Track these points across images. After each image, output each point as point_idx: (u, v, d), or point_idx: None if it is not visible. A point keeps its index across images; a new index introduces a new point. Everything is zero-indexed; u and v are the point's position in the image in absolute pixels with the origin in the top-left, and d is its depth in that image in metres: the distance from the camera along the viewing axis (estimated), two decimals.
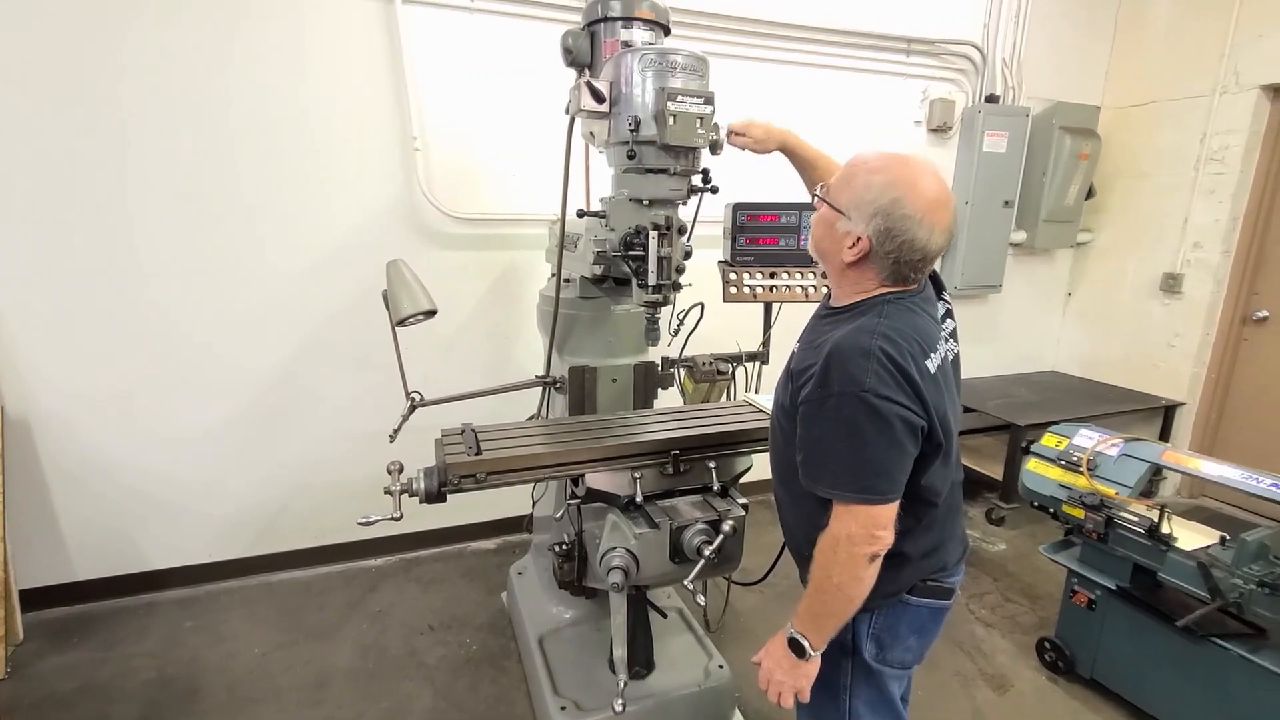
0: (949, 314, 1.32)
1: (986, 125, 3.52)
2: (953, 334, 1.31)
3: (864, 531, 1.08)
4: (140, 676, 2.22)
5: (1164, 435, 3.70)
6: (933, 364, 1.15)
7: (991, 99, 3.55)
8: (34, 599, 2.49)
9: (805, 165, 1.63)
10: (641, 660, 2.01)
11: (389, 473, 1.59)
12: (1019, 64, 3.58)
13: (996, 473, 3.51)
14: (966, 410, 3.76)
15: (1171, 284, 3.66)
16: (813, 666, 1.20)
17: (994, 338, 4.10)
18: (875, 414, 1.06)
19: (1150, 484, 3.78)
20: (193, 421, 2.62)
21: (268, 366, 2.68)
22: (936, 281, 1.34)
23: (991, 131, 3.54)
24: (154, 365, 2.52)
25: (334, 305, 2.70)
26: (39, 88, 2.20)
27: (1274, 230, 3.41)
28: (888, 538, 1.10)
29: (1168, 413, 3.70)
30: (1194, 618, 1.89)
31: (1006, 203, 3.69)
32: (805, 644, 1.17)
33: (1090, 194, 3.85)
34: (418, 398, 2.02)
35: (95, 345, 2.43)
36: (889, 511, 1.10)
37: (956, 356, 1.31)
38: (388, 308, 1.97)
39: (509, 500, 3.02)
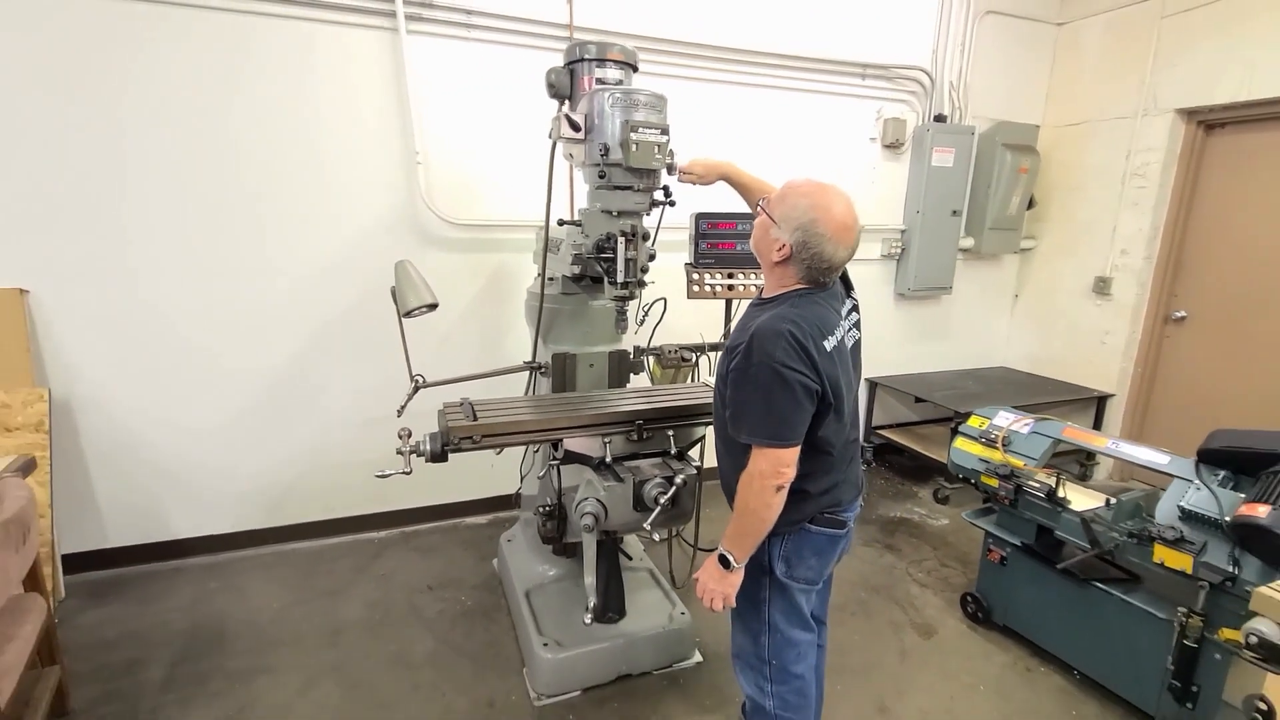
0: (854, 309, 1.66)
1: (935, 142, 3.88)
2: (855, 325, 1.65)
3: (772, 468, 1.42)
4: (174, 626, 2.52)
5: (1097, 424, 4.08)
6: (830, 344, 1.48)
7: (940, 118, 3.92)
8: (71, 563, 2.78)
9: (744, 189, 1.96)
10: (615, 607, 2.33)
11: (399, 437, 1.90)
12: (965, 87, 3.95)
13: (944, 457, 3.85)
14: (918, 400, 4.14)
15: (1102, 287, 4.04)
16: (737, 577, 1.54)
17: (946, 335, 4.46)
18: (782, 379, 1.40)
19: (1084, 469, 4.17)
20: (215, 407, 2.91)
21: (281, 359, 2.98)
22: (847, 283, 1.69)
23: (940, 148, 3.90)
24: (180, 356, 2.81)
25: (343, 303, 3.01)
26: (87, 107, 2.51)
27: (1190, 239, 3.79)
28: (790, 474, 1.44)
29: (1100, 403, 4.07)
30: (1073, 562, 2.24)
31: (955, 212, 4.06)
32: (731, 558, 1.51)
33: (1031, 204, 4.22)
34: (420, 380, 2.34)
35: (130, 337, 2.73)
36: (792, 454, 1.43)
37: (858, 342, 1.66)
38: (395, 302, 2.29)
39: (500, 479, 3.35)
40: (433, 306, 2.24)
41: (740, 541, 1.50)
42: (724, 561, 1.52)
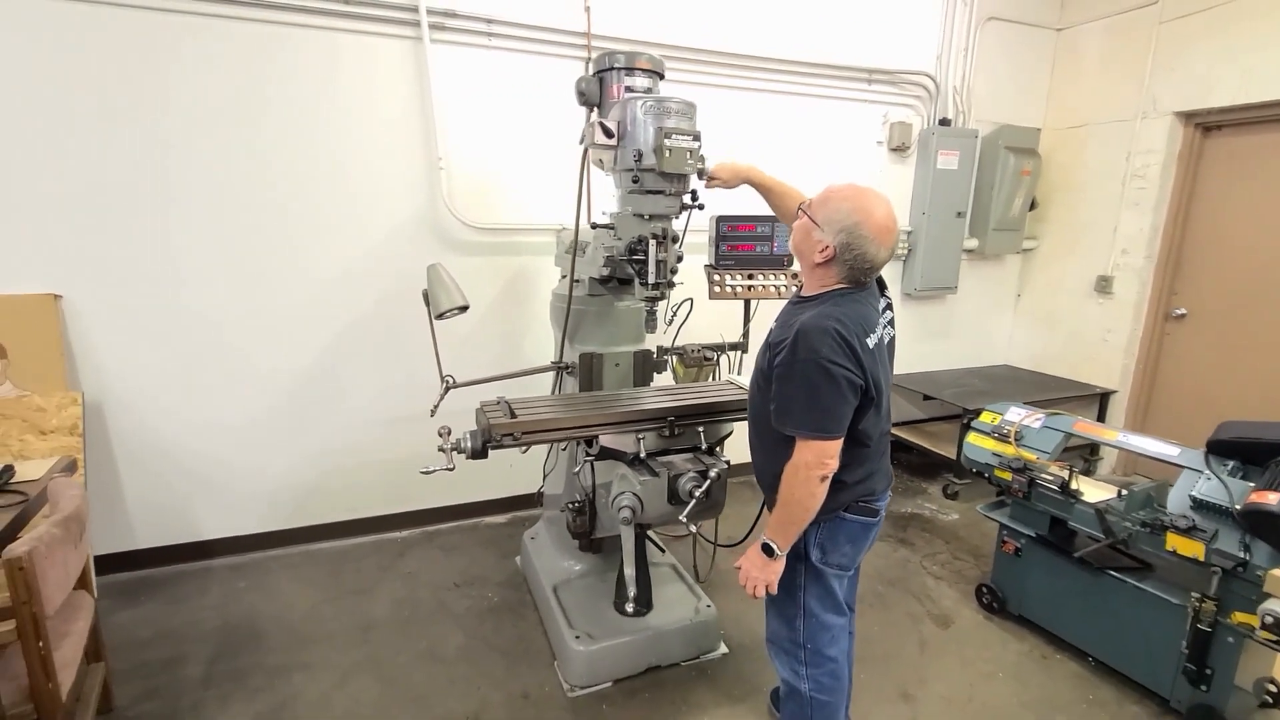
0: (888, 308, 1.73)
1: (940, 145, 3.97)
2: (890, 323, 1.72)
3: (817, 459, 1.48)
4: (207, 625, 2.56)
5: (1100, 420, 4.16)
6: (871, 341, 1.55)
7: (944, 122, 4.01)
8: (101, 564, 2.81)
9: (767, 192, 2.03)
10: (643, 601, 2.40)
11: (440, 435, 1.95)
12: (968, 91, 4.04)
13: (952, 454, 3.93)
14: (926, 398, 4.22)
15: (1104, 285, 4.14)
16: (779, 565, 1.60)
17: (951, 334, 4.54)
18: (828, 374, 1.46)
19: (1088, 464, 4.24)
20: (241, 409, 2.95)
21: (307, 361, 3.03)
22: (881, 284, 1.75)
23: (945, 151, 3.99)
24: (208, 359, 2.86)
25: (366, 306, 3.06)
26: (116, 116, 2.55)
27: (1189, 238, 3.89)
28: (834, 465, 1.50)
29: (1103, 399, 4.16)
30: (1089, 550, 2.32)
31: (959, 214, 4.14)
32: (774, 546, 1.57)
33: (1033, 206, 4.32)
34: (451, 380, 2.40)
35: (159, 341, 2.76)
36: (835, 445, 1.50)
37: (892, 339, 1.72)
38: (427, 305, 2.35)
39: (518, 479, 3.41)
40: (464, 308, 2.30)
41: (784, 530, 1.56)
42: (767, 550, 1.58)
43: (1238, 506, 1.97)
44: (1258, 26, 3.34)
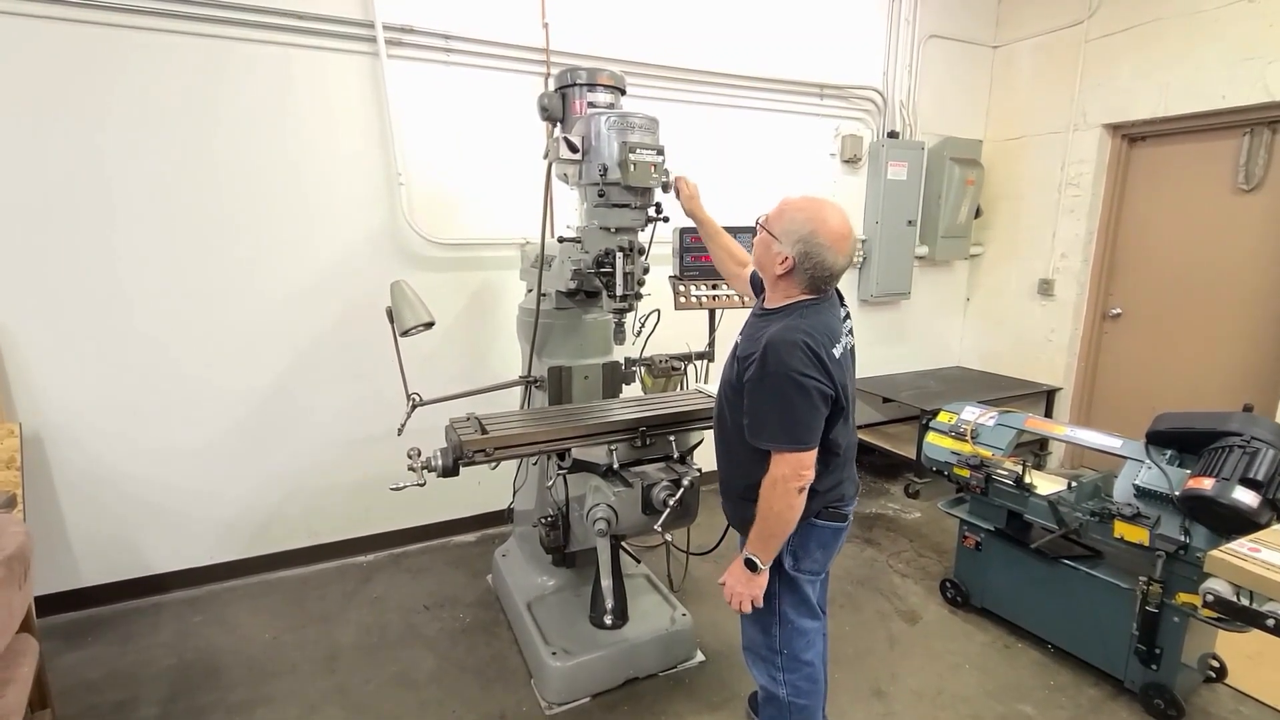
0: (848, 317, 1.78)
1: (889, 157, 4.12)
2: (850, 331, 1.77)
3: (794, 471, 1.51)
4: (161, 663, 2.43)
5: (1047, 415, 4.36)
6: (837, 351, 1.59)
7: (892, 135, 4.17)
8: (43, 605, 2.64)
9: (709, 235, 2.10)
10: (618, 613, 2.38)
11: (409, 456, 1.92)
12: (914, 105, 4.22)
13: (913, 454, 4.05)
14: (885, 401, 4.34)
15: (1046, 288, 4.35)
16: (763, 579, 1.63)
17: (906, 338, 4.69)
18: (800, 387, 1.49)
19: (1038, 458, 4.42)
20: (192, 434, 2.84)
21: (263, 381, 2.93)
22: (839, 295, 1.81)
23: (894, 162, 4.15)
24: (156, 383, 2.74)
25: (325, 323, 2.99)
26: (59, 136, 2.44)
27: (1121, 241, 4.13)
28: (810, 475, 1.53)
29: (1049, 396, 4.36)
30: (1044, 542, 2.42)
31: (910, 222, 4.30)
32: (757, 561, 1.59)
33: (978, 214, 4.52)
34: (417, 398, 2.35)
35: (102, 366, 2.64)
36: (811, 456, 1.53)
37: (853, 348, 1.78)
38: (391, 322, 2.31)
39: (486, 496, 3.36)
40: (430, 325, 2.27)
41: (766, 544, 1.58)
42: (750, 565, 1.60)
43: (1177, 493, 2.10)
44: (1172, 46, 3.59)
